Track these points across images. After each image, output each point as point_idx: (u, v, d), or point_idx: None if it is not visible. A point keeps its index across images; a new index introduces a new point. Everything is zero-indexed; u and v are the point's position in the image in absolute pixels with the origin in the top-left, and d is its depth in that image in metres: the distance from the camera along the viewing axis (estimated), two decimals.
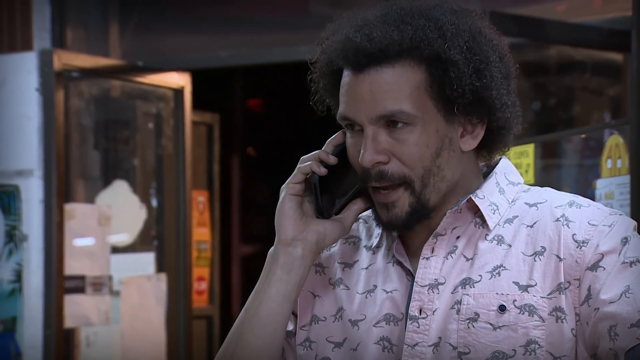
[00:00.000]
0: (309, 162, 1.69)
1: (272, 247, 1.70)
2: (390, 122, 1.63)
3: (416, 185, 1.64)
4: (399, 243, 1.70)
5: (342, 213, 1.70)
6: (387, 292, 1.68)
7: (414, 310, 1.64)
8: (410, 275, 1.68)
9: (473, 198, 1.67)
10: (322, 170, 1.68)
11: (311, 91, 1.76)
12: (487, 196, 1.68)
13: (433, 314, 1.63)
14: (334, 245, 1.78)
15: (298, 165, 1.70)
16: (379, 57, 1.62)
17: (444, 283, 1.64)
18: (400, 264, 1.69)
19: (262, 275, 1.70)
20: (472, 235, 1.67)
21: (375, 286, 1.70)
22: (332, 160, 1.69)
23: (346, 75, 1.66)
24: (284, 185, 1.70)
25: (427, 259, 1.67)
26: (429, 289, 1.65)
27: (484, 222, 1.67)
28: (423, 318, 1.63)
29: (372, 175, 1.64)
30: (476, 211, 1.68)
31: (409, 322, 1.64)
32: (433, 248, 1.67)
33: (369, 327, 1.67)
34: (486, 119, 1.66)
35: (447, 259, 1.66)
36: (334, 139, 1.72)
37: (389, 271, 1.70)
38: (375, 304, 1.68)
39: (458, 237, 1.67)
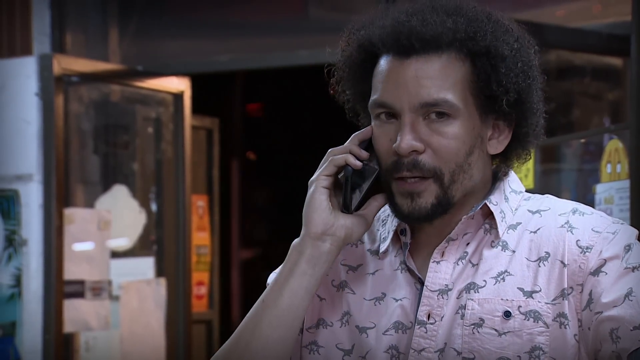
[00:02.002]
0: (342, 155, 1.65)
1: (298, 239, 1.66)
2: (431, 112, 1.61)
3: (445, 179, 1.62)
4: (409, 249, 1.69)
5: (364, 209, 1.67)
6: (396, 300, 1.67)
7: (422, 315, 1.64)
8: (419, 282, 1.67)
9: (488, 204, 1.67)
10: (358, 164, 1.64)
11: (331, 82, 1.74)
12: (498, 203, 1.68)
13: (441, 320, 1.63)
14: None
15: (330, 157, 1.66)
16: (431, 43, 1.61)
17: (452, 289, 1.64)
18: (409, 270, 1.68)
19: (284, 268, 1.66)
20: (480, 241, 1.67)
21: (384, 294, 1.68)
22: (364, 155, 1.65)
23: (388, 61, 1.64)
24: (314, 177, 1.66)
25: (438, 262, 1.66)
26: (438, 294, 1.64)
27: (492, 228, 1.67)
28: (431, 323, 1.63)
29: (405, 164, 1.61)
30: (486, 217, 1.68)
31: (416, 326, 1.63)
32: (443, 252, 1.66)
33: (379, 336, 1.66)
34: (514, 124, 1.67)
35: (458, 264, 1.65)
36: (360, 133, 1.68)
37: (397, 278, 1.69)
38: (385, 313, 1.67)
39: (468, 243, 1.67)
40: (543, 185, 3.75)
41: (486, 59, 1.62)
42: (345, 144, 1.68)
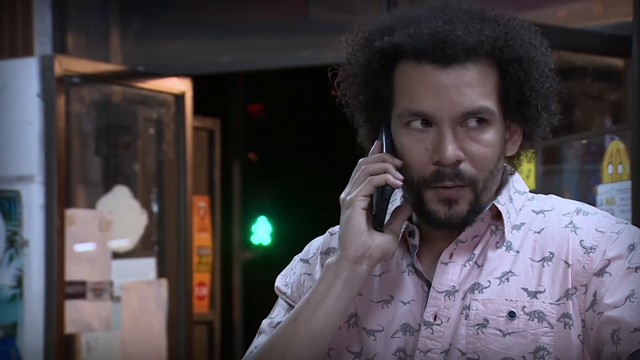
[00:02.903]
0: (382, 176, 1.62)
1: (334, 260, 1.64)
2: (468, 119, 1.60)
3: (479, 187, 1.63)
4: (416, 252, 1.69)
5: (390, 223, 1.66)
6: (404, 304, 1.67)
7: (428, 316, 1.64)
8: (427, 284, 1.67)
9: (496, 205, 1.67)
10: (399, 184, 1.62)
11: (339, 87, 1.71)
12: (505, 203, 1.68)
13: (448, 322, 1.63)
14: None
15: (367, 177, 1.63)
16: (471, 52, 1.59)
17: (459, 290, 1.65)
18: (417, 272, 1.68)
19: (318, 287, 1.64)
20: (487, 242, 1.67)
21: (392, 297, 1.69)
22: (400, 176, 1.62)
23: (423, 69, 1.60)
24: (351, 197, 1.62)
25: (446, 264, 1.66)
26: (445, 295, 1.64)
27: (497, 229, 1.67)
28: (437, 325, 1.63)
29: (447, 174, 1.60)
30: (493, 217, 1.68)
31: (423, 327, 1.64)
32: (452, 254, 1.66)
33: (387, 339, 1.67)
34: (523, 126, 1.67)
35: (465, 266, 1.66)
36: (392, 158, 1.64)
37: (404, 280, 1.69)
38: (393, 316, 1.67)
39: (476, 244, 1.67)
40: (544, 186, 3.75)
41: (518, 65, 1.61)
42: (378, 160, 1.63)
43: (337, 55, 1.72)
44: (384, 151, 1.65)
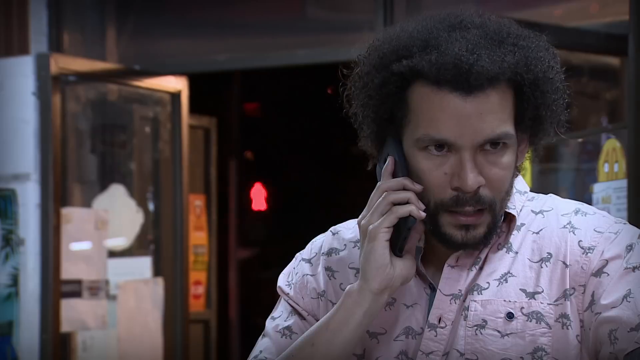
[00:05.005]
0: (406, 207, 1.60)
1: (355, 288, 1.63)
2: (487, 144, 1.59)
3: (497, 208, 1.62)
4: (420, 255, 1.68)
5: (407, 243, 1.64)
6: (407, 307, 1.67)
7: (433, 319, 1.64)
8: (429, 287, 1.67)
9: (510, 212, 1.66)
10: (422, 215, 1.61)
11: (347, 96, 1.68)
12: (515, 207, 1.68)
13: (451, 325, 1.63)
14: (343, 248, 1.76)
15: (390, 207, 1.60)
16: (494, 80, 1.57)
17: (463, 294, 1.65)
18: (420, 275, 1.68)
19: (337, 314, 1.63)
20: (492, 245, 1.66)
21: (394, 299, 1.68)
22: (422, 206, 1.61)
23: (444, 96, 1.57)
24: (374, 228, 1.60)
25: (452, 267, 1.66)
26: (451, 298, 1.64)
27: (502, 232, 1.67)
28: (442, 327, 1.64)
29: (468, 199, 1.59)
30: (503, 221, 1.67)
31: (427, 329, 1.64)
32: (458, 258, 1.66)
33: (390, 342, 1.67)
34: (533, 137, 1.66)
35: (471, 270, 1.65)
36: (412, 184, 1.63)
37: (408, 283, 1.68)
38: (396, 319, 1.67)
39: (482, 248, 1.66)
40: (540, 184, 3.75)
41: (536, 86, 1.60)
42: (399, 187, 1.61)
43: (335, 55, 1.69)
44: (400, 172, 1.63)
